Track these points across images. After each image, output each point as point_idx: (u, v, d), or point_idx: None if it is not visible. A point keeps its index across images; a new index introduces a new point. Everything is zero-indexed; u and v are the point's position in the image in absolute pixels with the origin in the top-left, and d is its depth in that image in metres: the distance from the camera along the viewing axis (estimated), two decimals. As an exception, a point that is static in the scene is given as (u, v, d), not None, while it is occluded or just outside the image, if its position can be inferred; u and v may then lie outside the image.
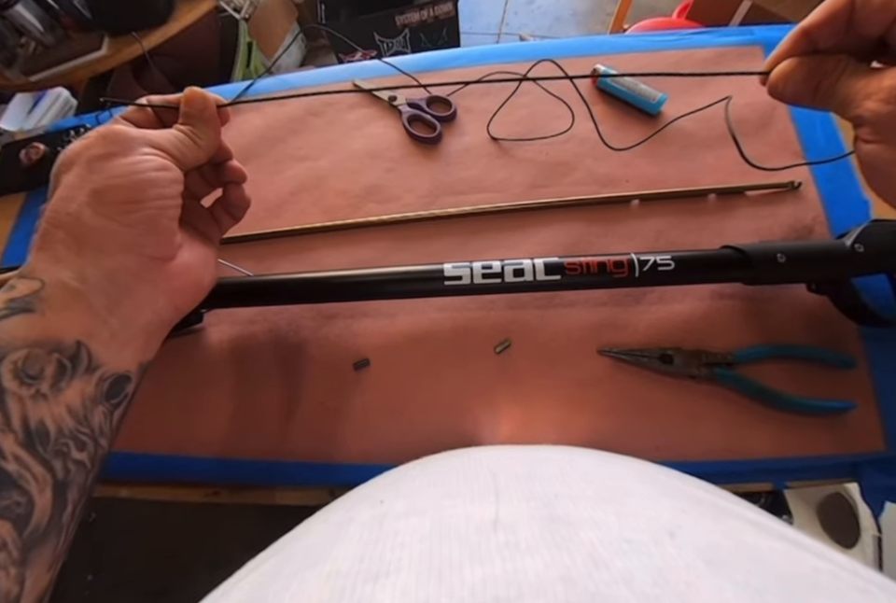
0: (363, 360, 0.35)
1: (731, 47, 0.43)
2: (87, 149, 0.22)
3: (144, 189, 0.21)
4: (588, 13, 1.67)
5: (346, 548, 0.14)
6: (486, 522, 0.14)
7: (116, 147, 0.22)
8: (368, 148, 0.43)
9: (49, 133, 0.52)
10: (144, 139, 0.22)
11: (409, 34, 1.35)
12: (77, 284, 0.20)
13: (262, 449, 0.34)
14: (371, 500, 0.17)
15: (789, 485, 0.32)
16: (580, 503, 0.14)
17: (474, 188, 0.39)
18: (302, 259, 0.39)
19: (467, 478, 0.17)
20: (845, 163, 0.37)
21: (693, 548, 0.12)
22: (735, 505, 0.17)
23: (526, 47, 0.46)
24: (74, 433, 0.20)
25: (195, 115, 0.25)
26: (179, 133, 0.24)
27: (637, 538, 0.12)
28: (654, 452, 0.31)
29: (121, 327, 0.21)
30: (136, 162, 0.21)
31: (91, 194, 0.21)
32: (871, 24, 0.21)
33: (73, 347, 0.20)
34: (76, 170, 0.21)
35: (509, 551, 0.12)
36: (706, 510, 0.15)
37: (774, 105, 0.39)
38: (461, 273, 0.30)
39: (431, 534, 0.13)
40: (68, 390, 0.19)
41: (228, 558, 1.03)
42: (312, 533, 0.17)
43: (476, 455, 0.21)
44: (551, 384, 0.33)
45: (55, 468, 0.19)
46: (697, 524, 0.14)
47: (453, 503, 0.15)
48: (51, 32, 1.01)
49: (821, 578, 0.12)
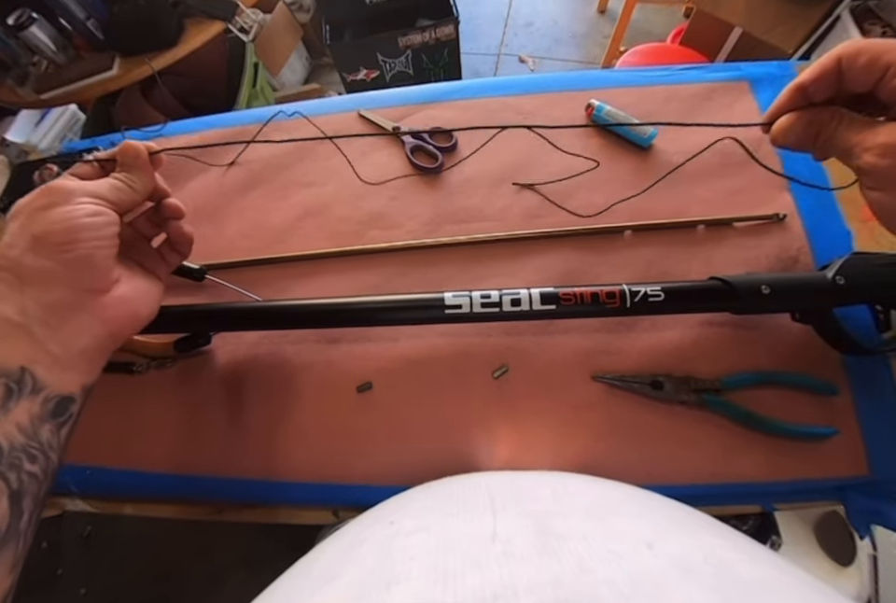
0: (366, 383, 0.36)
1: (719, 82, 0.45)
2: (30, 203, 0.25)
3: (77, 232, 0.24)
4: (586, 35, 1.72)
5: (361, 563, 0.15)
6: (485, 535, 0.15)
7: (55, 197, 0.25)
8: (372, 177, 0.45)
9: (62, 154, 0.54)
10: (82, 190, 0.25)
11: (411, 54, 1.39)
12: (19, 317, 0.23)
13: (266, 469, 0.35)
14: (382, 522, 0.19)
15: (777, 508, 0.33)
16: (569, 520, 0.16)
17: (475, 216, 0.41)
18: (308, 283, 0.41)
19: (467, 499, 0.19)
20: (828, 196, 0.39)
21: (667, 557, 0.14)
22: (711, 526, 0.18)
23: (525, 80, 0.49)
24: (25, 448, 0.22)
25: (129, 163, 0.28)
26: (115, 181, 0.27)
27: (618, 548, 0.14)
28: (646, 477, 0.32)
29: (62, 352, 0.24)
30: (71, 210, 0.24)
31: (32, 239, 0.24)
32: (857, 82, 0.23)
33: (18, 372, 0.22)
34: (19, 220, 0.24)
35: (505, 559, 0.14)
36: (682, 527, 0.17)
37: (760, 140, 0.41)
38: (461, 302, 0.31)
39: (437, 547, 0.15)
40: (16, 410, 0.22)
41: (222, 574, 1.03)
42: (326, 554, 0.18)
43: (476, 480, 0.23)
44: (546, 408, 0.34)
45: (10, 479, 0.21)
46: (672, 538, 0.15)
47: (455, 521, 0.17)
48: (64, 51, 1.04)
49: (784, 579, 0.14)
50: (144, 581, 1.05)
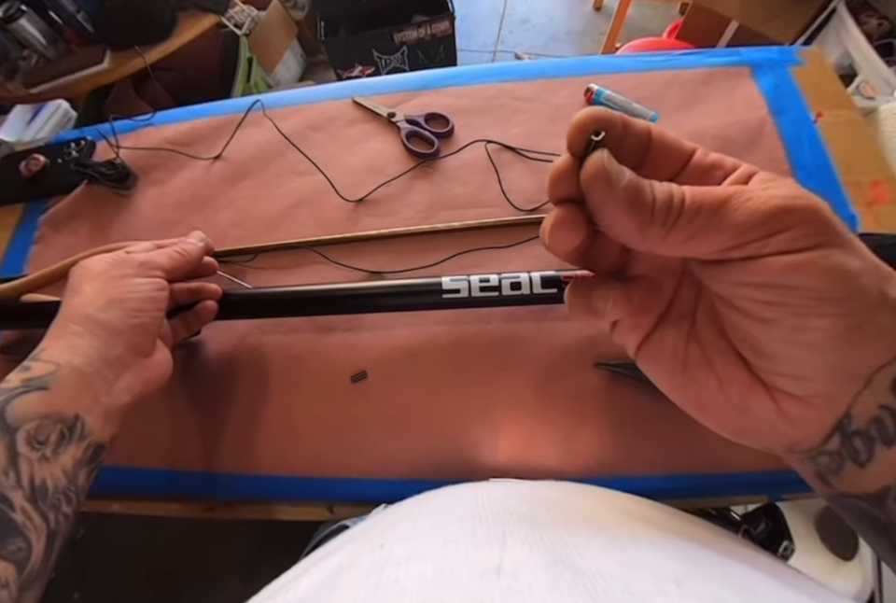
0: (361, 373, 0.35)
1: (719, 67, 0.44)
2: (107, 271, 0.29)
3: (147, 302, 0.29)
4: (581, 32, 1.71)
5: (345, 595, 0.13)
6: (489, 568, 0.13)
7: (129, 269, 0.29)
8: (367, 163, 0.44)
9: (49, 145, 0.52)
10: (149, 263, 0.30)
11: (407, 50, 1.38)
12: (86, 368, 0.26)
13: (258, 463, 0.34)
14: (372, 544, 0.17)
15: (784, 497, 0.32)
16: (584, 551, 0.14)
17: (471, 203, 0.40)
18: (301, 272, 0.39)
19: (469, 521, 0.17)
20: (832, 180, 0.38)
21: (698, 599, 0.12)
22: (743, 549, 0.16)
23: (523, 66, 0.48)
24: (65, 490, 0.24)
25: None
26: (172, 252, 0.32)
27: (640, 589, 0.12)
28: (649, 466, 0.31)
29: (109, 404, 0.26)
30: (145, 283, 0.29)
31: (107, 302, 0.27)
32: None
33: (72, 419, 0.24)
34: (95, 285, 0.28)
35: (512, 598, 0.12)
36: (713, 556, 0.15)
37: (763, 123, 0.41)
38: (459, 287, 0.30)
39: (434, 580, 0.13)
40: (65, 455, 0.24)
41: (217, 578, 1.01)
42: (309, 575, 0.16)
43: (478, 494, 0.21)
44: (547, 397, 0.33)
45: (50, 520, 0.23)
46: (704, 573, 0.13)
47: (455, 549, 0.15)
48: (54, 45, 1.02)
49: None
50: (137, 585, 1.03)
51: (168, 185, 0.46)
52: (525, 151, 0.41)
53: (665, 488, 0.31)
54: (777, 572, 0.14)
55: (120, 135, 0.48)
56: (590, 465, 0.31)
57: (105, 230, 0.45)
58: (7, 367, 0.40)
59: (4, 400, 0.23)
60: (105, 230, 0.45)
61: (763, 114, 0.41)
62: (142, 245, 0.33)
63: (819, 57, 0.44)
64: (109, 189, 0.46)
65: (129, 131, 0.50)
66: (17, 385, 0.24)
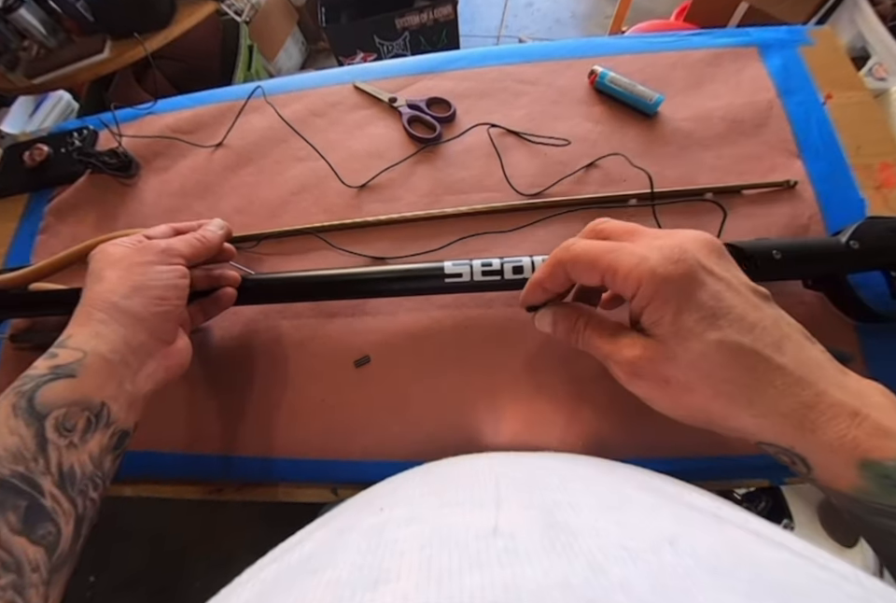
0: (364, 357, 0.35)
1: (727, 48, 0.43)
2: (129, 257, 0.29)
3: (170, 290, 0.28)
4: (587, 16, 1.68)
5: (346, 556, 0.14)
6: (486, 529, 0.14)
7: (151, 256, 0.29)
8: (369, 149, 0.43)
9: (52, 135, 0.52)
10: (171, 250, 0.30)
11: (409, 36, 1.36)
12: (111, 355, 0.26)
13: (264, 446, 0.35)
14: (372, 508, 0.17)
15: (787, 481, 0.32)
16: (580, 511, 0.14)
17: (474, 187, 0.40)
18: (304, 259, 0.39)
19: (467, 486, 0.18)
20: (841, 162, 0.37)
21: (692, 556, 0.12)
22: (737, 514, 0.16)
23: (526, 48, 0.47)
24: (92, 476, 0.24)
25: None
26: (191, 238, 0.31)
27: (635, 546, 0.12)
28: (650, 450, 0.31)
29: (133, 391, 0.27)
30: (168, 270, 0.29)
31: (131, 289, 0.27)
32: (585, 282, 0.24)
33: (99, 406, 0.25)
34: (118, 271, 0.28)
35: (508, 557, 0.12)
36: (706, 518, 0.15)
37: (770, 105, 0.40)
38: (461, 271, 0.30)
39: (431, 542, 0.13)
40: (91, 441, 0.24)
41: (228, 558, 1.03)
42: (312, 539, 0.17)
43: (477, 463, 0.21)
44: (549, 380, 0.33)
45: (78, 504, 0.23)
46: (697, 532, 0.14)
47: (452, 511, 0.15)
48: (54, 35, 1.02)
49: (822, 588, 0.12)
50: (151, 567, 1.05)
51: (171, 172, 0.46)
52: (528, 135, 0.41)
53: (668, 471, 0.31)
54: (769, 534, 0.15)
55: (122, 124, 0.48)
56: (592, 447, 0.32)
57: (110, 218, 0.45)
58: (17, 355, 0.41)
59: (32, 388, 0.23)
60: (110, 218, 0.45)
61: (772, 95, 0.40)
62: (160, 229, 0.32)
63: (829, 37, 0.43)
64: (113, 177, 0.46)
65: (131, 119, 0.50)
66: (45, 372, 0.24)
